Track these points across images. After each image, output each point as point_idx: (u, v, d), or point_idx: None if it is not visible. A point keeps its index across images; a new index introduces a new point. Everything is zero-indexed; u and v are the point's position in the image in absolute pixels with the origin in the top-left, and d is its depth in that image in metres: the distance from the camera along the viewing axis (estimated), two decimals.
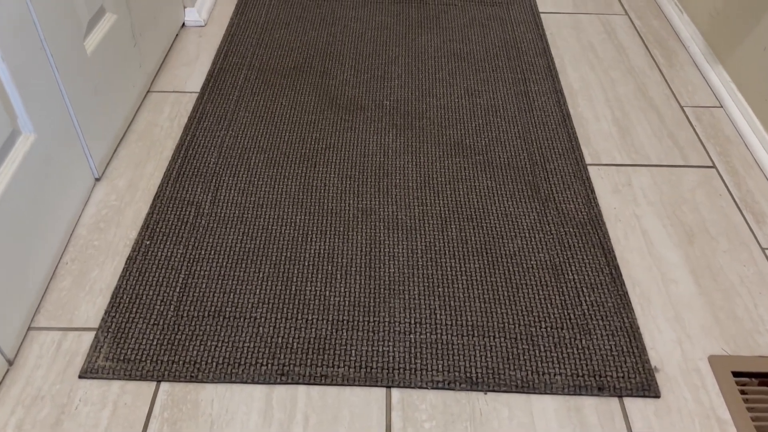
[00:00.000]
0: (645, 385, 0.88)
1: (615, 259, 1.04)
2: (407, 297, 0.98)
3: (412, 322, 0.94)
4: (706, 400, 0.87)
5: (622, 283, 1.00)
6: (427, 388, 0.87)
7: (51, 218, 0.99)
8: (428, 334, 0.93)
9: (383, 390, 0.87)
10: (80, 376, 0.87)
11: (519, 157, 1.23)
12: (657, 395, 0.87)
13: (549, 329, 0.94)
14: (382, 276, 1.00)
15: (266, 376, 0.87)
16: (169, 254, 1.03)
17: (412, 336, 0.92)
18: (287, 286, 0.99)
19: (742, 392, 0.88)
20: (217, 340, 0.91)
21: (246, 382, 0.87)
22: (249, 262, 1.02)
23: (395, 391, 0.87)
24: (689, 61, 1.53)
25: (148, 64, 1.37)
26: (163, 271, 1.00)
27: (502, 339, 0.92)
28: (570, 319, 0.95)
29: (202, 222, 1.08)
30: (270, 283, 0.99)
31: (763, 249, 1.08)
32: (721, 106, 1.39)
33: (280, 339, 0.91)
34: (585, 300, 0.98)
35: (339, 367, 0.88)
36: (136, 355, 0.89)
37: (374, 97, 1.38)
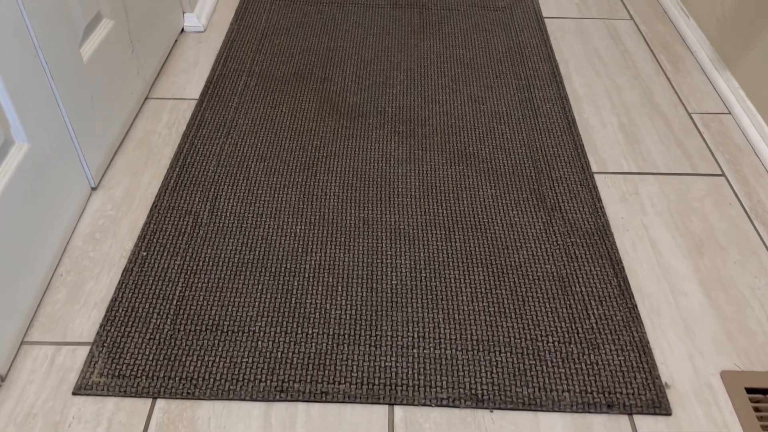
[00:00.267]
0: (656, 402, 0.85)
1: (623, 270, 1.01)
2: (410, 310, 0.95)
3: (416, 336, 0.92)
4: (718, 418, 0.84)
5: (630, 295, 0.98)
6: (431, 405, 0.84)
7: (45, 229, 0.97)
8: (432, 349, 0.90)
9: (386, 407, 0.84)
10: (74, 393, 0.84)
11: (524, 165, 1.21)
12: (668, 412, 0.84)
13: (556, 344, 0.91)
14: (385, 288, 0.98)
15: (265, 392, 0.85)
16: (166, 265, 1.00)
17: (415, 351, 0.90)
18: (287, 298, 0.96)
19: (756, 409, 0.85)
20: (215, 355, 0.89)
21: (244, 399, 0.84)
22: (248, 273, 1.00)
23: (398, 409, 0.84)
24: (696, 67, 1.51)
25: (147, 70, 1.35)
26: (160, 283, 0.98)
27: (508, 354, 0.90)
28: (578, 333, 0.92)
29: (200, 232, 1.06)
30: (269, 296, 0.96)
31: None
32: (730, 112, 1.36)
33: (279, 354, 0.89)
34: (593, 313, 0.95)
35: (340, 383, 0.86)
36: (132, 370, 0.86)
37: (376, 104, 1.36)
